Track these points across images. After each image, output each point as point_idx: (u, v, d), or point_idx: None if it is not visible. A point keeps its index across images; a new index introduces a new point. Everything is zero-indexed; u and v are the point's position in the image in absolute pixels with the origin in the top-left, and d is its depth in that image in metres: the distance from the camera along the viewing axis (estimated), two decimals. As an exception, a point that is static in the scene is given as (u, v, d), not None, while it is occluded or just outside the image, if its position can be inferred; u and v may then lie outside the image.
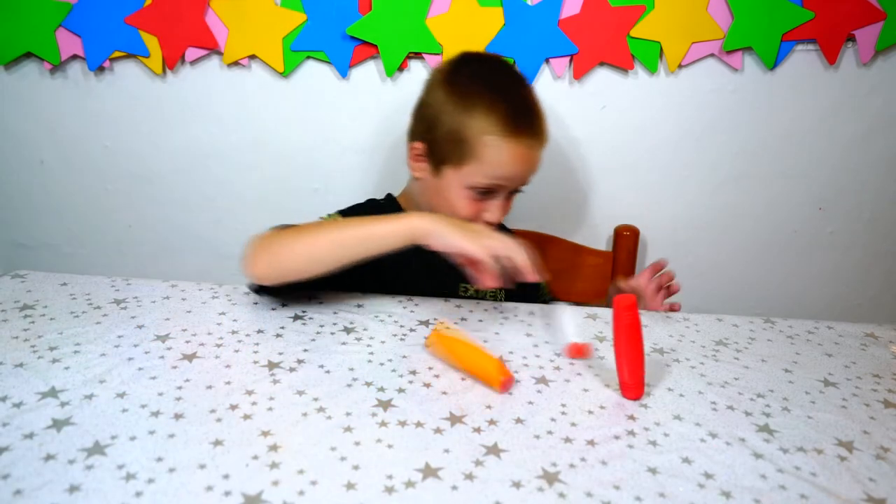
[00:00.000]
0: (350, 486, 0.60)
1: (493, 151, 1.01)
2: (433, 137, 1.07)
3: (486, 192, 1.04)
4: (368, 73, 1.36)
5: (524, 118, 1.04)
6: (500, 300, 1.13)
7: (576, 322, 0.95)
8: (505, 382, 0.77)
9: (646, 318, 0.98)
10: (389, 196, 1.20)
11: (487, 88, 1.05)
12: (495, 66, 1.12)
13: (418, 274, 1.05)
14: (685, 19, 1.27)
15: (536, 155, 1.06)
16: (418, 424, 0.70)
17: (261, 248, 0.92)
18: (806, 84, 1.32)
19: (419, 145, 1.09)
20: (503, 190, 1.05)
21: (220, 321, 0.90)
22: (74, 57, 1.37)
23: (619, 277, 0.95)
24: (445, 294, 1.05)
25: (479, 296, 1.14)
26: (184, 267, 1.53)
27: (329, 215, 1.12)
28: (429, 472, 0.62)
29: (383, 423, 0.69)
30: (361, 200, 1.19)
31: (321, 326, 0.90)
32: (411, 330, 0.91)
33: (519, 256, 0.86)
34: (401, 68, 1.34)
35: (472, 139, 1.02)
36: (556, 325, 0.94)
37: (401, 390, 0.76)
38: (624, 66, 1.31)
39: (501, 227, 1.22)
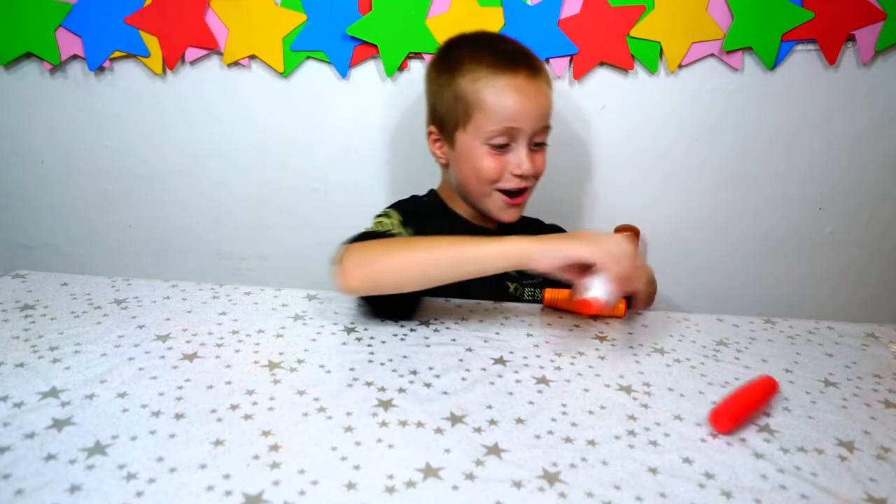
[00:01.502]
0: (351, 485, 0.60)
1: (490, 92, 1.03)
2: (439, 114, 1.10)
3: (504, 145, 1.05)
4: (368, 73, 1.36)
5: (512, 54, 1.06)
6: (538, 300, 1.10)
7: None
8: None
9: (646, 318, 0.99)
10: (432, 192, 1.20)
11: (469, 45, 1.10)
12: (479, 33, 1.15)
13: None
14: (685, 19, 1.27)
15: (538, 89, 1.05)
16: (419, 424, 0.70)
17: (357, 260, 0.90)
18: (806, 84, 1.33)
19: (433, 128, 1.12)
20: (520, 135, 1.04)
21: (220, 321, 0.90)
22: (74, 57, 1.37)
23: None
24: (494, 294, 1.05)
25: (520, 295, 1.12)
26: (184, 267, 1.53)
27: (385, 211, 1.08)
28: (429, 471, 0.62)
29: (384, 423, 0.69)
30: (362, 200, 1.19)
31: (321, 326, 0.90)
32: (412, 330, 0.91)
33: (634, 267, 0.85)
34: (401, 68, 1.34)
35: (467, 93, 1.05)
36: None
37: (401, 390, 0.76)
38: (624, 66, 1.31)
39: (538, 223, 1.24)
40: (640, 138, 1.39)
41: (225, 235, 1.50)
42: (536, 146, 1.08)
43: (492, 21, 1.28)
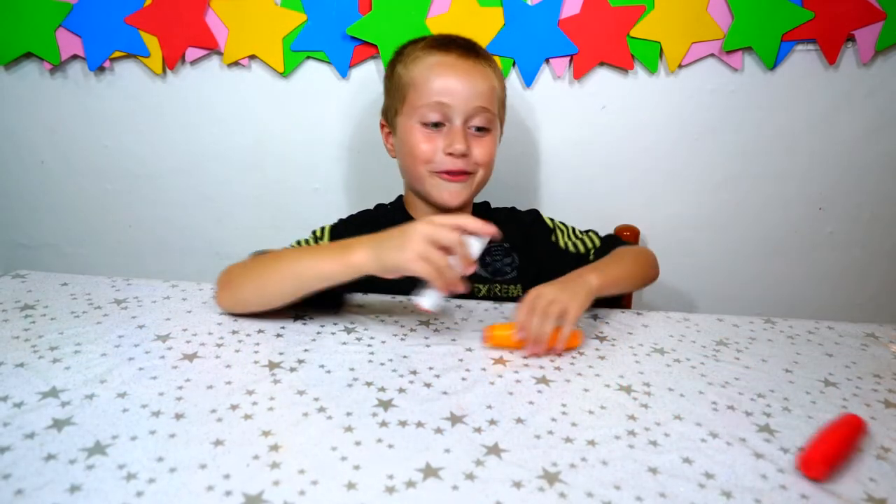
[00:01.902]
0: (351, 485, 0.60)
1: (421, 68, 1.05)
2: (385, 106, 1.14)
3: (437, 123, 1.05)
4: (368, 73, 1.36)
5: (449, 38, 1.08)
6: (517, 292, 1.11)
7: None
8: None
9: (647, 318, 0.98)
10: (399, 197, 1.20)
11: (417, 39, 1.12)
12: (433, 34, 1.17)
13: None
14: (685, 19, 1.27)
15: (472, 67, 1.05)
16: (419, 424, 0.70)
17: (223, 283, 0.93)
18: (806, 84, 1.33)
19: (382, 121, 1.15)
20: (452, 113, 1.04)
21: (220, 321, 0.90)
22: (74, 57, 1.37)
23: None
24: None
25: (496, 293, 1.11)
26: (184, 267, 1.53)
27: (317, 230, 1.13)
28: (429, 472, 0.62)
29: (384, 423, 0.69)
30: (362, 200, 1.19)
31: (322, 326, 0.90)
32: (412, 330, 0.91)
33: (459, 248, 0.80)
34: (401, 68, 1.34)
35: (402, 75, 1.07)
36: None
37: (401, 390, 0.76)
38: (624, 66, 1.31)
39: (486, 210, 1.20)
40: (640, 138, 1.39)
41: (225, 235, 1.50)
42: (479, 130, 1.06)
43: (492, 21, 1.28)
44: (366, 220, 1.16)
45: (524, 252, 1.15)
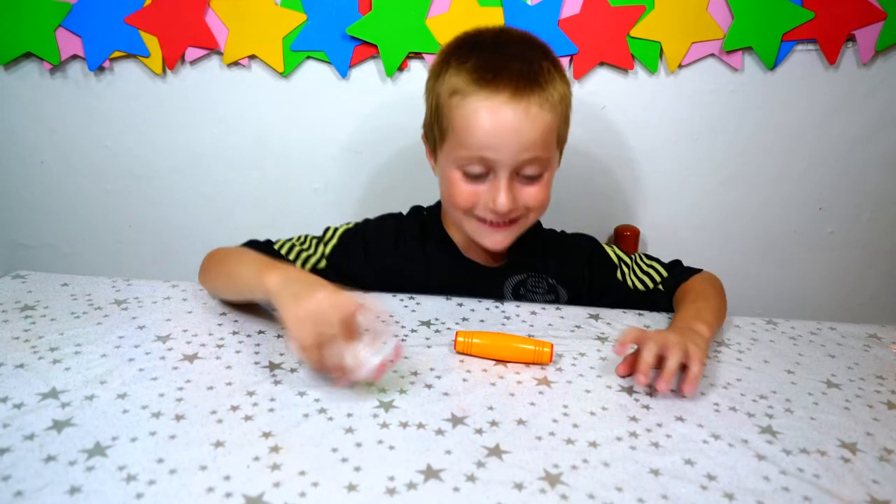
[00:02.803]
0: (351, 487, 0.60)
1: (462, 112, 0.87)
2: (426, 124, 0.99)
3: (479, 174, 0.90)
4: (368, 73, 1.36)
5: (499, 64, 0.87)
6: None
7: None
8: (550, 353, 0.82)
9: (648, 318, 0.98)
10: (438, 204, 1.06)
11: (459, 48, 0.92)
12: (486, 30, 0.96)
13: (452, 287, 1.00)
14: (685, 19, 1.27)
15: (524, 113, 0.86)
16: (420, 426, 0.69)
17: (202, 266, 0.98)
18: (806, 84, 1.32)
19: (424, 139, 1.01)
20: (498, 166, 0.88)
21: (221, 322, 0.90)
22: (74, 57, 1.36)
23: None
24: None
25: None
26: (184, 267, 1.52)
27: (327, 232, 1.07)
28: (430, 473, 0.62)
29: (385, 425, 0.69)
30: (361, 200, 1.18)
31: (322, 327, 0.90)
32: (413, 330, 0.90)
33: (337, 352, 0.71)
34: (401, 68, 1.34)
35: (443, 107, 0.90)
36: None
37: (402, 391, 0.76)
38: (624, 66, 1.31)
39: (535, 234, 1.04)
40: (640, 138, 1.39)
41: (225, 235, 1.50)
42: (528, 178, 0.91)
43: (492, 21, 1.28)
44: (384, 229, 1.05)
45: (576, 287, 1.05)
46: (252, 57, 1.35)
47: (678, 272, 1.06)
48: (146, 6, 1.30)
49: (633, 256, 1.09)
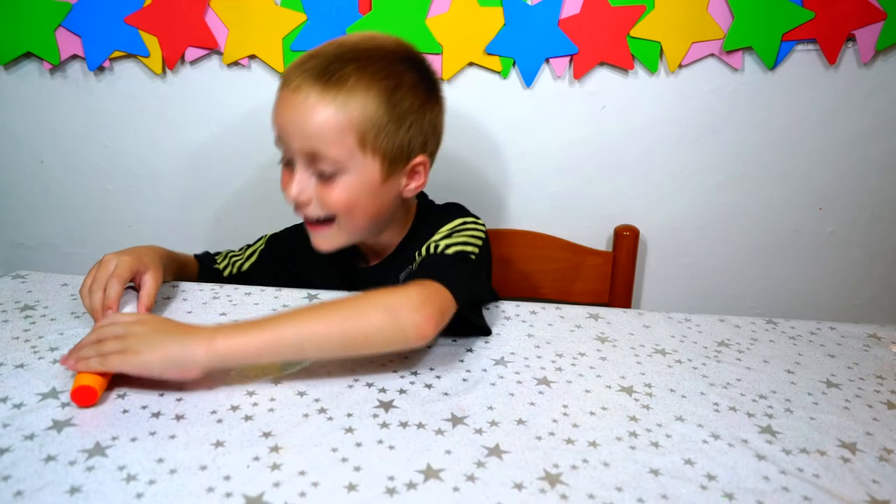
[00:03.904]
0: (351, 487, 0.60)
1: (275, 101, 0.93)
2: None
3: (288, 163, 0.95)
4: (369, 73, 1.35)
5: (302, 62, 0.90)
6: None
7: None
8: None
9: (647, 318, 0.98)
10: None
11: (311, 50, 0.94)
12: (352, 34, 1.00)
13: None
14: (685, 19, 1.27)
15: (302, 102, 0.88)
16: (420, 425, 0.69)
17: None
18: (806, 84, 1.32)
19: None
20: (293, 155, 0.92)
21: (221, 321, 0.90)
22: (74, 57, 1.36)
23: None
24: None
25: None
26: (184, 267, 1.52)
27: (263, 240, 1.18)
28: (430, 473, 0.62)
29: (384, 425, 0.69)
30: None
31: (322, 327, 0.90)
32: (412, 330, 0.90)
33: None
34: (401, 68, 1.34)
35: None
36: None
37: (402, 391, 0.76)
38: (624, 66, 1.31)
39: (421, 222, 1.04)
40: (640, 138, 1.38)
41: (225, 235, 1.50)
42: (323, 177, 0.92)
43: (492, 21, 1.28)
44: (294, 234, 1.12)
45: None
46: (252, 57, 1.35)
47: (422, 268, 0.89)
48: (146, 6, 1.30)
49: (450, 234, 0.95)
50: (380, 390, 0.75)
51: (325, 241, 0.97)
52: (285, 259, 1.12)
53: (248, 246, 1.18)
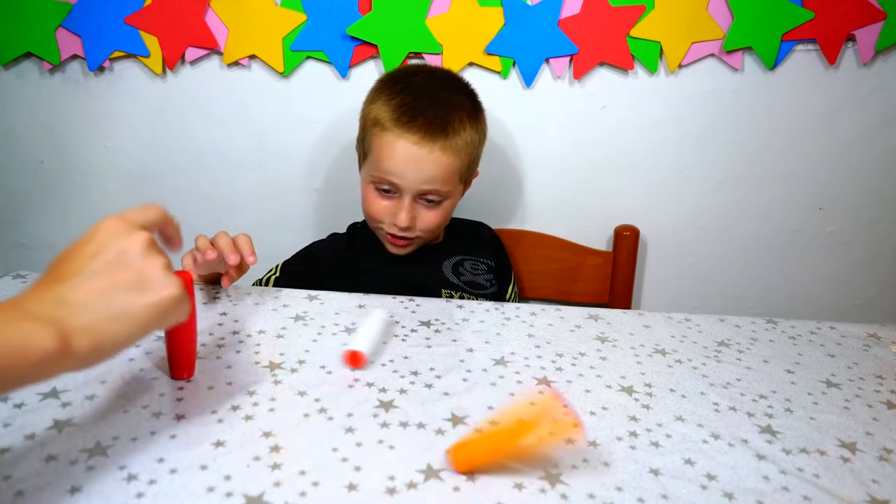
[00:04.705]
0: (352, 487, 0.60)
1: (379, 142, 1.06)
2: (358, 139, 1.16)
3: (387, 191, 1.08)
4: (368, 73, 1.36)
5: (417, 110, 1.04)
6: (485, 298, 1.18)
7: (373, 331, 0.84)
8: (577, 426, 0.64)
9: (648, 318, 0.98)
10: (350, 226, 1.27)
11: (395, 82, 1.10)
12: (423, 69, 1.17)
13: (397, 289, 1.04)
14: (685, 19, 1.27)
15: (428, 154, 1.04)
16: (420, 425, 0.69)
17: None
18: (806, 84, 1.33)
19: (356, 150, 1.18)
20: (400, 191, 1.07)
21: (221, 321, 0.90)
22: (74, 57, 1.37)
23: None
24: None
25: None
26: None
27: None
28: (431, 473, 0.62)
29: (385, 424, 0.69)
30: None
31: (322, 327, 0.90)
32: (413, 331, 0.90)
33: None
34: (401, 68, 1.34)
35: (367, 130, 1.09)
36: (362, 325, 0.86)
37: (402, 391, 0.76)
38: (624, 66, 1.31)
39: (455, 227, 1.24)
40: (640, 138, 1.39)
41: (225, 235, 1.50)
42: (429, 202, 1.09)
43: (492, 21, 1.28)
44: (335, 241, 1.27)
45: (499, 272, 1.26)
46: (252, 57, 1.35)
47: None
48: (146, 6, 1.30)
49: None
50: (380, 390, 0.75)
51: (406, 249, 1.14)
52: (309, 278, 1.16)
53: (259, 281, 1.19)
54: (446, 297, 1.15)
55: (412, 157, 1.04)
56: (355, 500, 0.58)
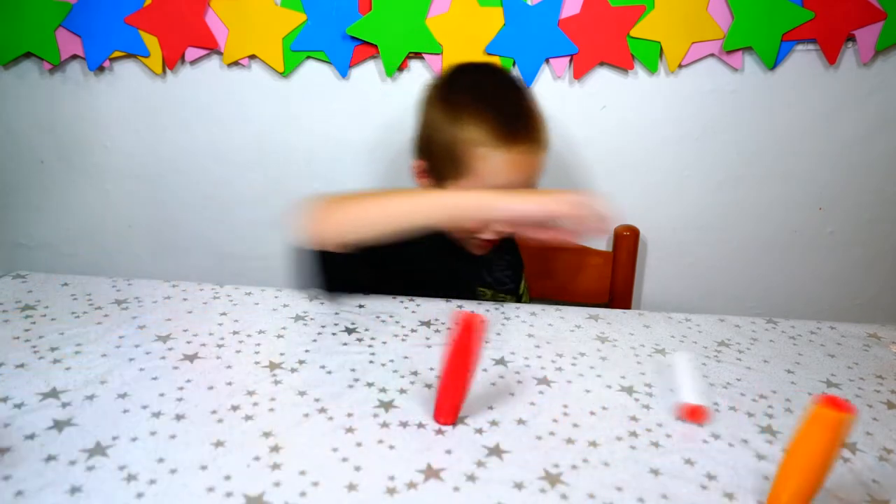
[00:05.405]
0: (352, 487, 0.60)
1: (487, 164, 0.99)
2: (431, 155, 1.06)
3: None
4: (368, 73, 1.36)
5: (514, 125, 1.01)
6: (512, 300, 1.17)
7: (695, 378, 0.80)
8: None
9: (648, 318, 0.98)
10: None
11: (476, 98, 1.03)
12: (486, 73, 1.11)
13: (440, 278, 1.05)
14: (685, 19, 1.27)
15: (534, 160, 1.03)
16: (420, 425, 0.69)
17: (330, 210, 0.95)
18: (806, 84, 1.32)
19: (420, 163, 1.09)
20: None
21: (221, 321, 0.90)
22: (74, 57, 1.36)
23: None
24: (465, 297, 1.05)
25: (497, 298, 1.16)
26: (184, 267, 1.53)
27: None
28: (430, 473, 0.62)
29: (385, 424, 0.69)
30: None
31: (322, 327, 0.90)
32: (413, 331, 0.90)
33: (592, 208, 0.88)
34: (401, 68, 1.34)
35: (465, 153, 1.00)
36: (673, 378, 0.81)
37: (402, 391, 0.76)
38: (624, 66, 1.31)
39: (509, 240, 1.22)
40: (640, 138, 1.38)
41: (225, 235, 1.50)
42: None
43: (492, 21, 1.28)
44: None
45: (517, 267, 1.25)
46: (252, 57, 1.35)
47: None
48: (146, 6, 1.30)
49: None
50: (380, 390, 0.76)
51: (485, 249, 1.12)
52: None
53: None
54: (480, 293, 1.16)
55: (522, 165, 1.01)
56: (355, 500, 0.58)
